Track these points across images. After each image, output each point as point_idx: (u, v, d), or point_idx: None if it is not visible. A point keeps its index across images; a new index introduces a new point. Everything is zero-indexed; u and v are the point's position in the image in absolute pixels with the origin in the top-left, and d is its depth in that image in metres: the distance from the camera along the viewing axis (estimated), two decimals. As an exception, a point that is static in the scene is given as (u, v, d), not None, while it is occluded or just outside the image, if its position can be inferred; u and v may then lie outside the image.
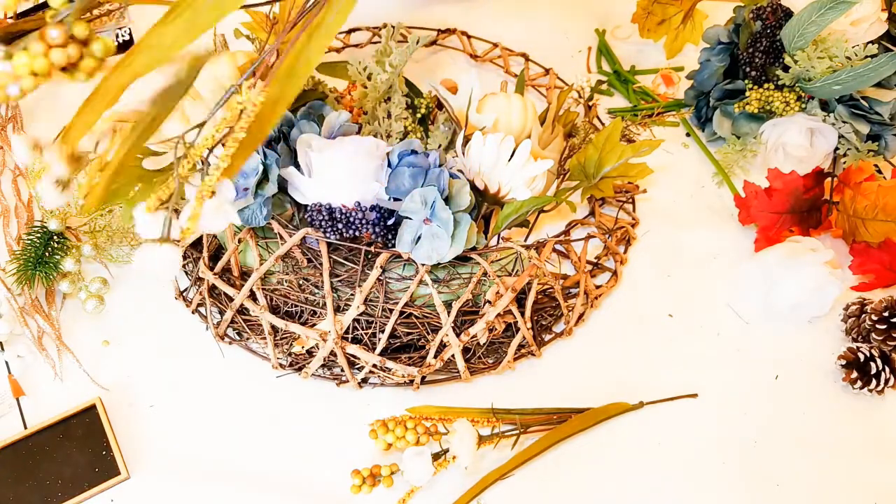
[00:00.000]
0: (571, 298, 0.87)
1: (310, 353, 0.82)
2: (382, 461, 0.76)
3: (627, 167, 0.83)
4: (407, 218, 0.75)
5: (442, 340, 0.79)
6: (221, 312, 0.85)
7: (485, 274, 0.78)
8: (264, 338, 0.83)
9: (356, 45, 1.13)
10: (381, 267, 0.76)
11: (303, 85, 0.59)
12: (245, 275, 0.82)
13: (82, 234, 0.88)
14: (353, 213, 0.75)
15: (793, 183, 0.92)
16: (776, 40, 0.98)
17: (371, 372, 0.81)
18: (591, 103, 1.00)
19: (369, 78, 0.87)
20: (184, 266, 0.88)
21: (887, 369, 0.83)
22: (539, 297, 0.85)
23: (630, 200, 0.98)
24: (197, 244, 0.84)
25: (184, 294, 0.88)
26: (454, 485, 0.76)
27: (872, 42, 0.97)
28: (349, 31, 1.14)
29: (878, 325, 0.85)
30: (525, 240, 0.87)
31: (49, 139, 0.86)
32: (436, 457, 0.76)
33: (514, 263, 0.82)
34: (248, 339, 0.85)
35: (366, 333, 0.79)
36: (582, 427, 0.80)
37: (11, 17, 1.15)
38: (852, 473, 0.80)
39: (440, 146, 0.86)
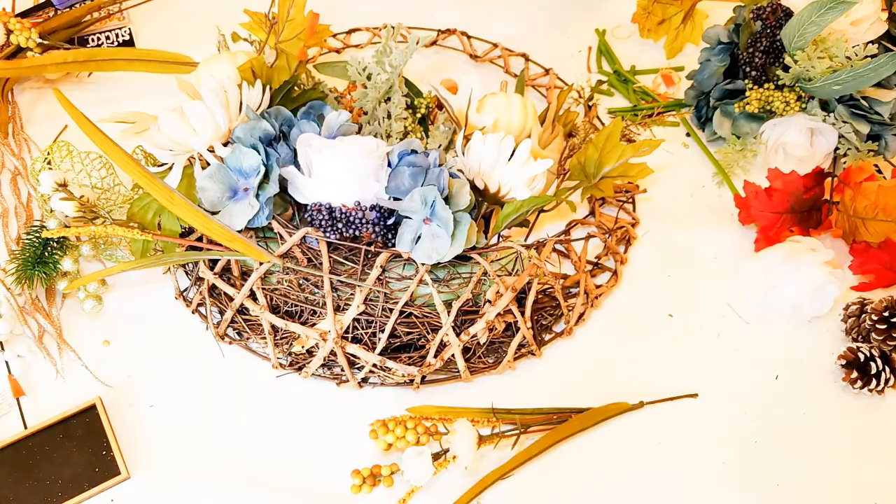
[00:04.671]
0: (571, 298, 0.87)
1: (310, 352, 0.82)
2: (382, 461, 0.76)
3: (627, 167, 0.83)
4: (407, 217, 0.75)
5: (442, 340, 0.79)
6: (221, 312, 0.85)
7: (485, 273, 0.78)
8: (264, 337, 0.83)
9: (356, 46, 1.13)
10: (381, 266, 0.76)
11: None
12: (245, 274, 0.82)
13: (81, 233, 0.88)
14: (353, 213, 0.75)
15: (793, 183, 0.92)
16: (776, 40, 0.98)
17: (371, 372, 0.81)
18: (591, 103, 1.01)
19: (369, 78, 0.87)
20: (184, 266, 0.88)
21: (887, 369, 0.83)
22: (539, 296, 0.85)
23: (630, 200, 0.98)
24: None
25: (184, 294, 0.88)
26: (454, 485, 0.76)
27: (872, 42, 0.97)
28: (349, 32, 1.14)
29: (878, 325, 0.85)
30: (525, 239, 0.87)
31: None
32: (436, 457, 0.76)
33: (514, 263, 0.82)
34: (248, 338, 0.85)
35: (366, 333, 0.79)
36: (582, 427, 0.80)
37: (11, 14, 1.15)
38: (852, 473, 0.80)
39: (440, 146, 0.86)
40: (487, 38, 1.14)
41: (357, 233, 0.76)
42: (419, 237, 0.75)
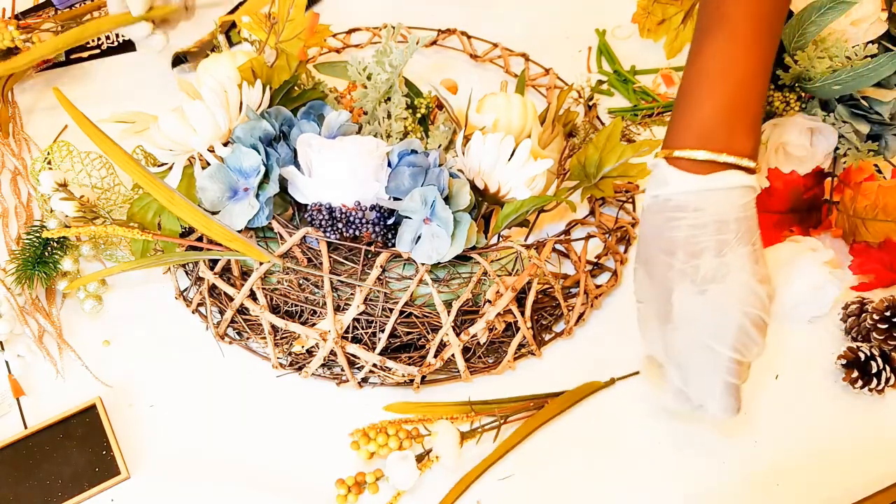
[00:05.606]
0: (571, 298, 0.87)
1: (310, 352, 0.82)
2: (367, 468, 0.76)
3: (627, 167, 0.83)
4: (407, 217, 0.75)
5: (442, 340, 0.79)
6: (221, 312, 0.85)
7: (485, 273, 0.78)
8: (264, 337, 0.83)
9: (356, 46, 1.13)
10: (381, 266, 0.76)
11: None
12: (245, 274, 0.82)
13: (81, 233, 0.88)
14: (353, 213, 0.75)
15: (793, 183, 0.92)
16: (776, 40, 0.97)
17: (371, 371, 0.81)
18: (591, 103, 1.01)
19: (369, 78, 0.87)
20: (184, 266, 0.88)
21: (888, 368, 0.83)
22: (539, 296, 0.85)
23: (630, 200, 0.98)
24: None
25: (184, 294, 0.88)
26: (438, 483, 0.77)
27: (872, 42, 0.97)
28: (349, 31, 1.14)
29: (878, 325, 0.85)
30: (525, 239, 0.87)
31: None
32: (419, 458, 0.76)
33: (514, 263, 0.82)
34: (248, 338, 0.85)
35: (366, 333, 0.79)
36: (559, 410, 0.80)
37: (10, 16, 1.15)
38: (852, 473, 0.80)
39: (440, 146, 0.86)
40: (487, 38, 1.14)
41: (357, 233, 0.76)
42: (419, 237, 0.75)
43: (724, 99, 0.68)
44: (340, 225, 0.76)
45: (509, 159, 0.78)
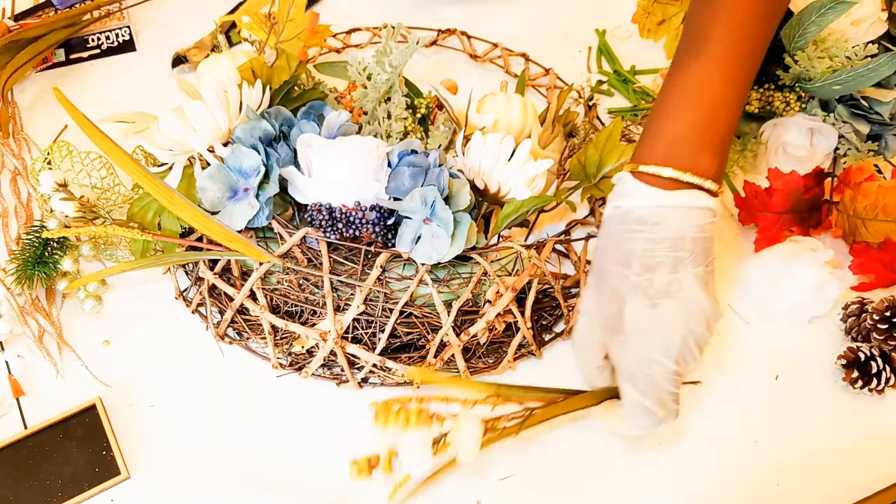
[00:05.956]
0: (571, 298, 0.87)
1: (310, 352, 0.82)
2: (381, 448, 0.74)
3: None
4: (407, 217, 0.75)
5: (442, 340, 0.79)
6: (221, 312, 0.85)
7: (485, 273, 0.78)
8: (264, 338, 0.83)
9: (356, 46, 1.13)
10: (381, 266, 0.76)
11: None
12: (245, 274, 0.82)
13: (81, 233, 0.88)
14: (353, 213, 0.75)
15: (793, 183, 0.92)
16: (776, 40, 0.97)
17: (371, 372, 0.81)
18: (591, 103, 1.00)
19: (369, 78, 0.87)
20: (184, 266, 0.88)
21: (888, 369, 0.83)
22: (539, 296, 0.85)
23: (630, 200, 0.98)
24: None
25: (184, 294, 0.88)
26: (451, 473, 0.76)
27: (872, 42, 0.97)
28: (349, 32, 1.14)
29: (879, 325, 0.85)
30: (525, 239, 0.87)
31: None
32: (436, 441, 0.74)
33: (514, 263, 0.82)
34: (248, 338, 0.85)
35: (366, 333, 0.79)
36: (580, 405, 0.78)
37: (10, 18, 1.15)
38: (852, 473, 0.80)
39: (440, 146, 0.86)
40: (487, 38, 1.14)
41: (357, 233, 0.76)
42: (419, 237, 0.75)
43: (695, 119, 0.69)
44: (340, 225, 0.76)
45: (509, 159, 0.78)
